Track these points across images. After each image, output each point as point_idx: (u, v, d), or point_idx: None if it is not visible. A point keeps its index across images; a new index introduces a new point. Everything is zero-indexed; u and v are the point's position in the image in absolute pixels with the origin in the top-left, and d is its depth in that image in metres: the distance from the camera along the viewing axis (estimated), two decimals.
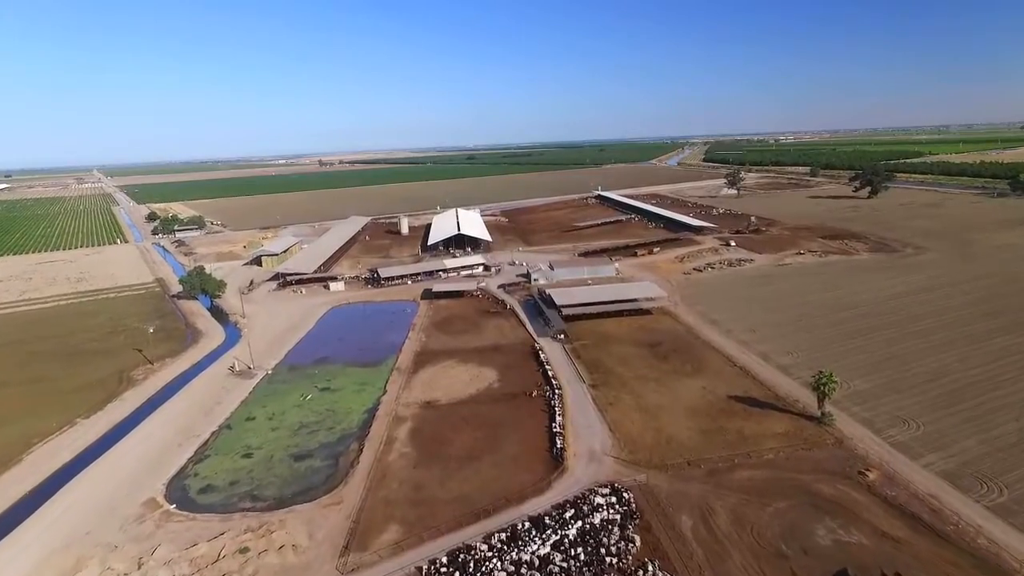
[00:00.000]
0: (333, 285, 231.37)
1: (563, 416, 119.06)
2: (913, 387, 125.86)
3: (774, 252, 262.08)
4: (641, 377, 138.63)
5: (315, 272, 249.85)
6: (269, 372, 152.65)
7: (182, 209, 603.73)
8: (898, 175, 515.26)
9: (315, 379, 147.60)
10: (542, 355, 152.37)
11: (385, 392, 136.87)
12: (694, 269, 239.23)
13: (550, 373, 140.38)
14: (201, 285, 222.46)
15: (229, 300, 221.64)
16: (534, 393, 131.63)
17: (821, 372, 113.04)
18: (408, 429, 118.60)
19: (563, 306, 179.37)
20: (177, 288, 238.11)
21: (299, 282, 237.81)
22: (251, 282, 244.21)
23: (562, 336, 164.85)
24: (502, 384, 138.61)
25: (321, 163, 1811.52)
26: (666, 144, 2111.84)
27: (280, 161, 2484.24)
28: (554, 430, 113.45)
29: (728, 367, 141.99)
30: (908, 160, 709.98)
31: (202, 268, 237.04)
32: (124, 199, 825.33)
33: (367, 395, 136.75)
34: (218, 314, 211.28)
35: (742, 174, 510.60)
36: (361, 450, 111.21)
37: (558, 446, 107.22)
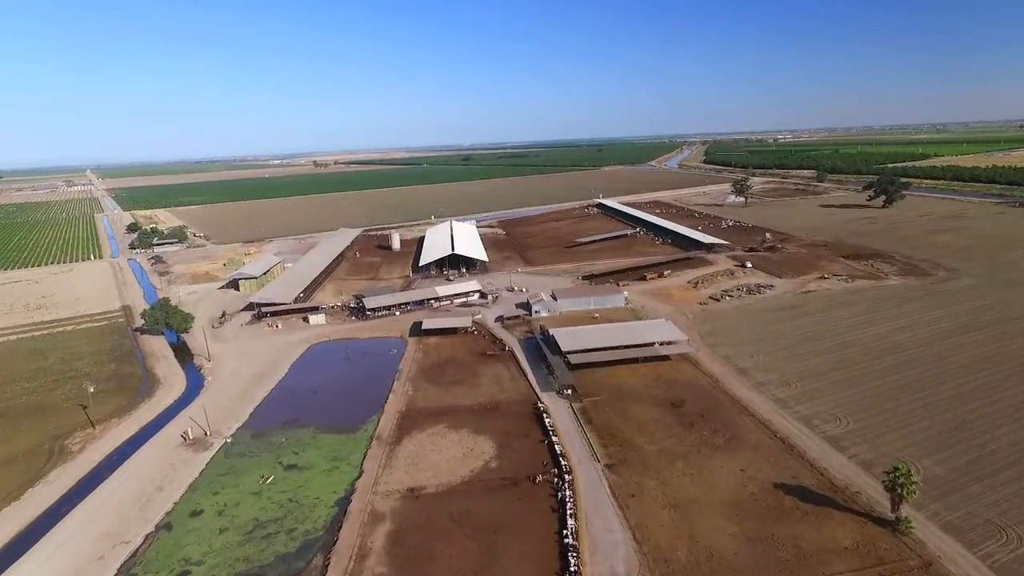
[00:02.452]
0: (313, 318, 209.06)
1: (576, 517, 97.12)
2: (998, 472, 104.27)
3: (795, 276, 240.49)
4: (665, 452, 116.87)
5: (295, 300, 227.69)
6: (228, 440, 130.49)
7: (167, 217, 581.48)
8: (908, 180, 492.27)
9: (281, 450, 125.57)
10: (547, 419, 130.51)
11: (361, 473, 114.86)
12: (710, 298, 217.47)
13: (557, 448, 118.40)
14: (166, 320, 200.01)
15: (197, 336, 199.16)
16: (539, 478, 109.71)
17: (896, 469, 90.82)
18: (386, 534, 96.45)
19: (569, 353, 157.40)
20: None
21: (275, 314, 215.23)
22: (223, 314, 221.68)
23: (569, 391, 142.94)
24: (501, 462, 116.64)
25: (316, 164, 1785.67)
26: (664, 144, 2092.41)
27: (275, 161, 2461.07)
28: (565, 539, 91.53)
29: (767, 439, 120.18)
30: (917, 164, 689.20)
31: (167, 300, 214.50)
32: (111, 204, 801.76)
33: (340, 477, 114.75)
34: (183, 353, 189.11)
35: (749, 182, 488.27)
36: (326, 567, 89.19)
37: (571, 568, 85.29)
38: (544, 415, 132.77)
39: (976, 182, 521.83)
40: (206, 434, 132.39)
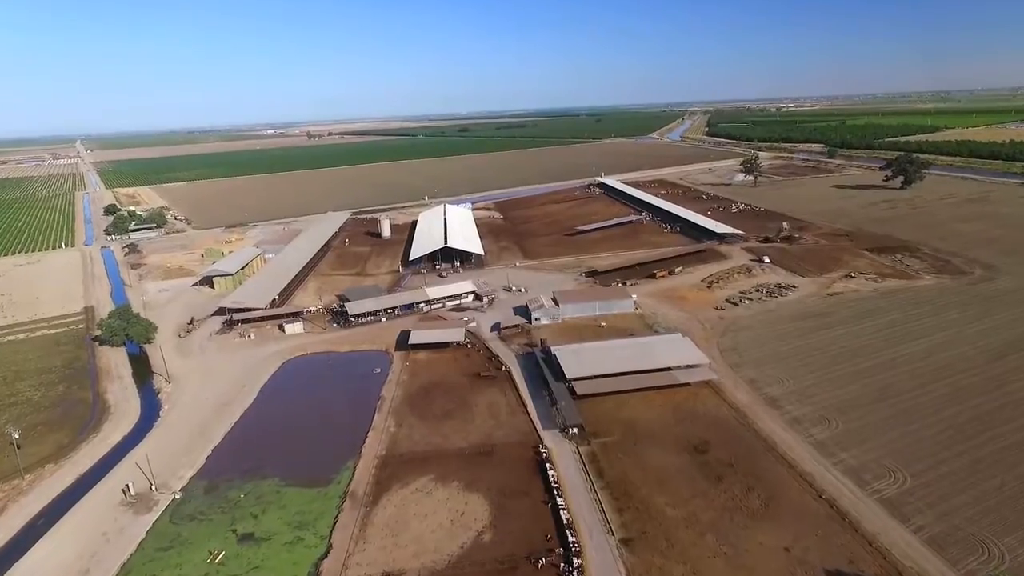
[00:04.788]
0: (289, 327, 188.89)
1: None
2: None
3: (818, 274, 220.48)
4: (691, 519, 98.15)
5: (271, 304, 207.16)
6: (177, 496, 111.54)
7: (150, 197, 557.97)
8: (923, 156, 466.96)
9: (237, 511, 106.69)
10: (550, 471, 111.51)
11: (329, 549, 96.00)
12: (727, 301, 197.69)
13: (563, 514, 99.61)
14: (125, 331, 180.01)
15: (162, 347, 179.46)
16: (542, 561, 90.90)
17: None
18: None
19: (574, 380, 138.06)
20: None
21: (248, 321, 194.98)
22: (191, 320, 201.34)
23: (575, 430, 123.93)
24: (496, 533, 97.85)
25: (309, 135, 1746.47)
26: (664, 113, 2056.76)
27: (270, 131, 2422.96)
28: None
29: (811, 500, 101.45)
30: (929, 138, 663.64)
31: (127, 308, 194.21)
32: (95, 181, 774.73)
33: (303, 553, 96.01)
34: (142, 370, 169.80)
35: (759, 160, 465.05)
36: None
37: None
38: (547, 463, 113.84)
39: (995, 159, 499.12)
40: (151, 487, 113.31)
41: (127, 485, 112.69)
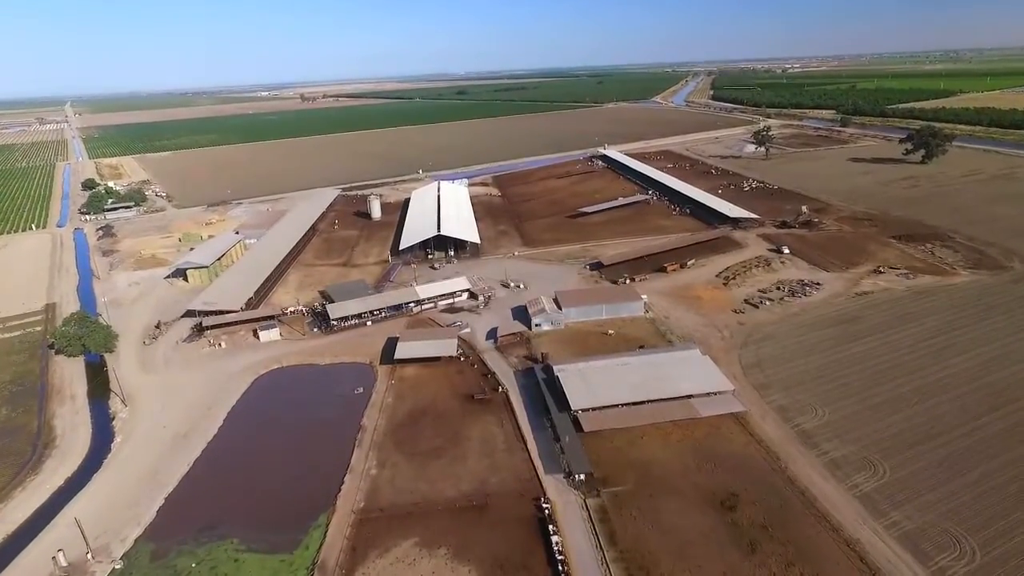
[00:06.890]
0: (264, 334, 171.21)
1: None
2: None
3: (843, 267, 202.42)
4: None
5: (248, 303, 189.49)
6: (117, 567, 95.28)
7: (133, 169, 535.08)
8: (943, 125, 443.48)
9: None
10: (554, 536, 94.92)
11: None
12: (746, 301, 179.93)
13: None
14: (82, 340, 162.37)
15: (122, 360, 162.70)
16: None
17: None
18: None
19: (580, 411, 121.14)
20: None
21: (219, 325, 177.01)
22: (158, 324, 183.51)
23: (582, 478, 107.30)
24: None
25: (303, 98, 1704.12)
26: (667, 74, 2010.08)
27: (263, 93, 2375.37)
28: None
29: None
30: (946, 105, 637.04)
31: (84, 316, 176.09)
32: (79, 149, 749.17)
33: None
34: (99, 388, 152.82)
35: (771, 132, 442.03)
36: None
37: None
38: (550, 526, 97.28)
39: (1018, 129, 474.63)
40: (88, 555, 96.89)
41: (57, 553, 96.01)
